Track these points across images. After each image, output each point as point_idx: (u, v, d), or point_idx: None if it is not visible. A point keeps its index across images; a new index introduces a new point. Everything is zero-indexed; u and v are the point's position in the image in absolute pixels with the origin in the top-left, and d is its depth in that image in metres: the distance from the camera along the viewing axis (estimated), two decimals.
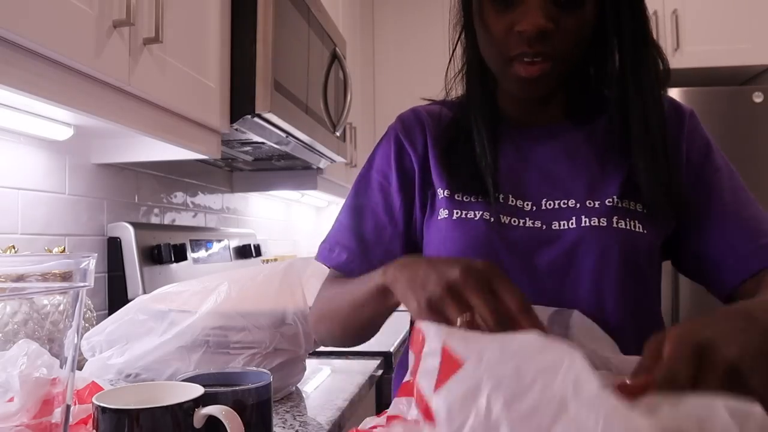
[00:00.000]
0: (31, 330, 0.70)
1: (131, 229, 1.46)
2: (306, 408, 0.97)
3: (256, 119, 1.40)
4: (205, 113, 1.26)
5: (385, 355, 1.39)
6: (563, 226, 0.79)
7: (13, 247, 1.05)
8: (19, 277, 0.64)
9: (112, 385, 0.93)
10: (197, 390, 0.66)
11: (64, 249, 1.27)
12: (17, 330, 0.71)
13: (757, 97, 2.39)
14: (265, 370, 0.77)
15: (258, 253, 2.15)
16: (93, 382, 0.79)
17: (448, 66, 0.88)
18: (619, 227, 0.77)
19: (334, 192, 2.46)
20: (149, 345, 0.96)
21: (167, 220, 1.79)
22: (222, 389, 0.70)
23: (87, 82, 0.92)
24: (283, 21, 1.45)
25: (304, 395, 1.04)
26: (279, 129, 1.53)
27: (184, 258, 1.62)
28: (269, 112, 1.37)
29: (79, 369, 0.97)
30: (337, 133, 1.95)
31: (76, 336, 0.64)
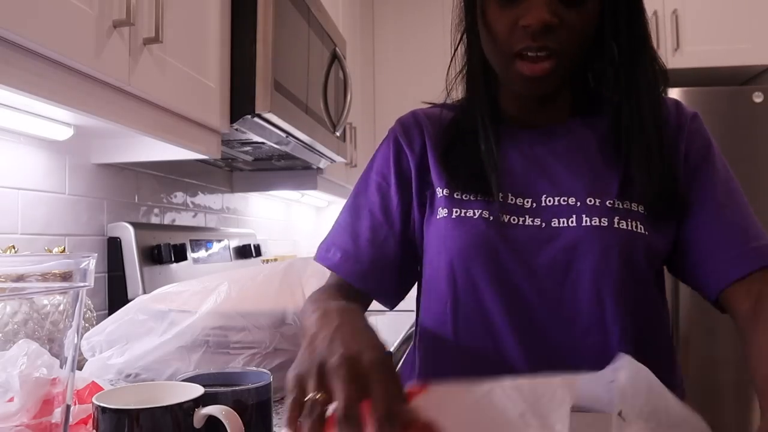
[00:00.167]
0: (31, 330, 0.70)
1: (131, 229, 1.46)
2: None
3: (256, 119, 1.40)
4: (205, 113, 1.26)
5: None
6: (563, 223, 0.79)
7: (13, 247, 1.05)
8: (19, 277, 0.64)
9: (112, 385, 0.93)
10: (197, 390, 0.66)
11: (64, 249, 1.27)
12: (17, 330, 0.71)
13: (757, 97, 2.39)
14: (265, 370, 0.77)
15: (258, 253, 2.15)
16: (93, 382, 0.79)
17: (450, 66, 0.88)
18: (621, 227, 0.77)
19: (334, 192, 2.46)
20: (149, 345, 0.96)
21: (167, 220, 1.79)
22: (222, 389, 0.70)
23: (87, 82, 0.92)
24: (283, 21, 1.45)
25: None
26: (279, 129, 1.53)
27: (184, 258, 1.62)
28: (269, 112, 1.37)
29: (79, 369, 0.97)
30: (337, 133, 1.95)
31: (76, 336, 0.64)
